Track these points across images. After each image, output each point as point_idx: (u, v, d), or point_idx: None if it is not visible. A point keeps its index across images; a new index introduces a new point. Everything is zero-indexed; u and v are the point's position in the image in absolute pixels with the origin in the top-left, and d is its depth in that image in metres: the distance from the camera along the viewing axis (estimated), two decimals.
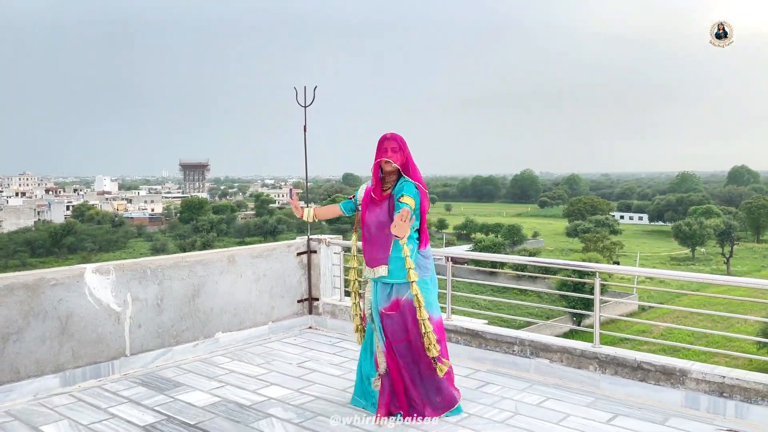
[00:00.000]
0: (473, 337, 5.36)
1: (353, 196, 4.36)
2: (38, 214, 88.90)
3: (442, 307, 5.78)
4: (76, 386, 4.77)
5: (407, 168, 4.10)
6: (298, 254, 6.43)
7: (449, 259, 5.60)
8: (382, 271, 4.08)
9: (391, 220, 3.96)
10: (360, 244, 4.30)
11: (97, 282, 4.92)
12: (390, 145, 4.08)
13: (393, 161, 4.05)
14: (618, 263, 59.62)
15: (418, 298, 4.01)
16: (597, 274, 4.82)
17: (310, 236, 6.53)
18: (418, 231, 4.14)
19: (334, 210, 4.50)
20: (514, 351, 5.13)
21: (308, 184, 6.77)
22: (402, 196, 3.95)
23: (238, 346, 5.83)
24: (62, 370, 4.73)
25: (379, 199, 4.11)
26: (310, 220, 4.51)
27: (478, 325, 5.45)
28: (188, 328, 5.52)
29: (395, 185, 4.08)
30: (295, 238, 6.76)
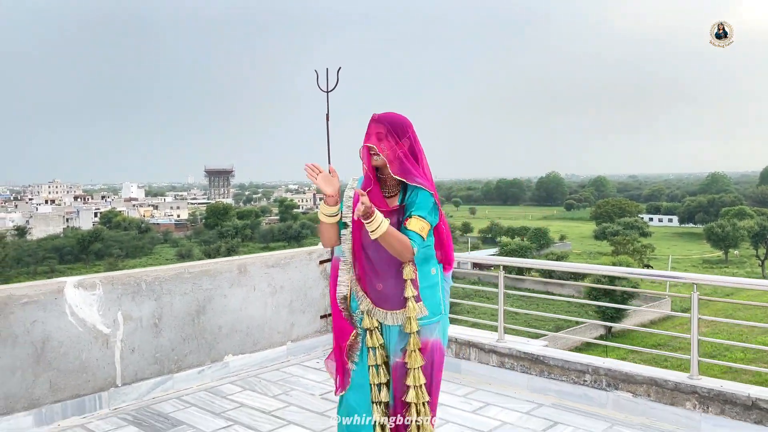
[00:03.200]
0: (533, 363, 4.42)
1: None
2: (67, 221, 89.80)
3: (493, 327, 4.88)
4: (55, 425, 3.94)
5: (403, 165, 2.67)
6: (321, 262, 5.55)
7: (502, 268, 4.68)
8: (400, 318, 2.67)
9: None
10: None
11: (81, 299, 4.09)
12: (375, 129, 2.69)
13: (378, 152, 2.65)
14: (650, 266, 57.89)
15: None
16: (695, 286, 3.86)
17: None
18: (436, 248, 2.76)
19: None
20: (585, 381, 4.18)
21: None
22: (411, 217, 2.62)
23: (251, 371, 4.96)
24: (38, 405, 3.90)
25: (385, 208, 2.67)
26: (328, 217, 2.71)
27: (537, 348, 4.52)
28: (192, 351, 4.67)
29: (405, 192, 2.71)
30: (317, 244, 5.89)
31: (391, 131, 2.67)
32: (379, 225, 2.49)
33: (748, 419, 3.56)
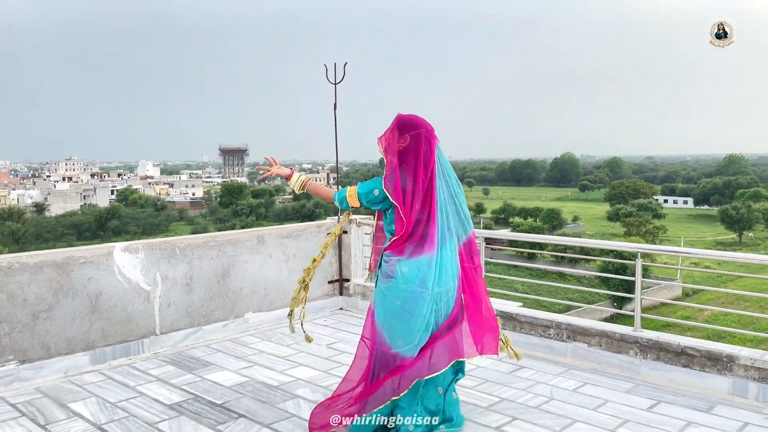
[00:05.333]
0: (507, 320, 5.18)
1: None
2: (84, 198, 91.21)
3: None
4: (107, 364, 4.77)
5: (387, 154, 3.31)
6: (328, 234, 6.32)
7: (482, 239, 5.41)
8: None
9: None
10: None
11: (127, 261, 4.90)
12: (390, 124, 3.41)
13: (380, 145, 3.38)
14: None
15: None
16: (638, 255, 4.58)
17: (341, 217, 6.41)
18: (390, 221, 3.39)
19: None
20: (549, 334, 4.94)
21: (345, 168, 6.68)
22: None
23: (267, 326, 5.77)
24: (92, 348, 4.73)
25: None
26: (297, 190, 3.68)
27: (512, 307, 5.28)
28: (218, 307, 5.48)
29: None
30: (325, 219, 6.66)
31: (395, 128, 3.33)
32: (296, 181, 3.62)
33: (678, 363, 4.30)
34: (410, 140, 3.29)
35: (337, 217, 6.45)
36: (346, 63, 6.34)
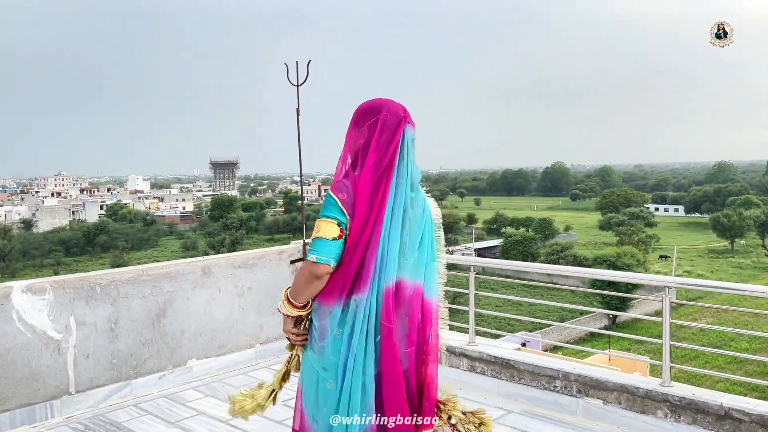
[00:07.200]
0: (503, 367, 4.25)
1: None
2: (73, 213, 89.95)
3: (464, 329, 4.70)
4: None
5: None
6: (292, 262, 5.39)
7: (472, 269, 4.49)
8: None
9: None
10: None
11: (29, 304, 3.94)
12: None
13: None
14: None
15: None
16: (667, 289, 3.67)
17: (306, 240, 5.48)
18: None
19: None
20: (555, 387, 4.01)
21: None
22: None
23: (216, 375, 4.81)
24: None
25: None
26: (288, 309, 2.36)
27: (508, 352, 4.35)
28: (152, 356, 4.52)
29: None
30: (289, 243, 5.73)
31: (352, 121, 2.33)
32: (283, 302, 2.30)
33: (721, 429, 3.39)
34: (367, 133, 2.27)
35: (302, 241, 5.51)
36: (309, 61, 5.43)
